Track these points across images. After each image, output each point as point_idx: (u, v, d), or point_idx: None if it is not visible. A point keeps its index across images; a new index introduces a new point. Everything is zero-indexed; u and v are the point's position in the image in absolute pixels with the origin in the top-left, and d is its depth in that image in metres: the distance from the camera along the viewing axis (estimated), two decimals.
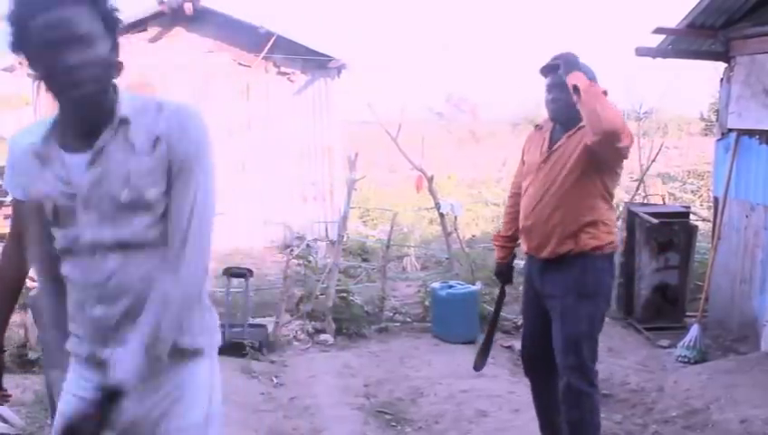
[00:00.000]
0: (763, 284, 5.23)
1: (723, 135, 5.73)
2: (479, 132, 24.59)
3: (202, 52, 9.74)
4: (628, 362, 4.97)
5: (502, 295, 3.60)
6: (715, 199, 5.90)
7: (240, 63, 9.95)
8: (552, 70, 3.01)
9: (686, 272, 5.82)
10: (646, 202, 7.83)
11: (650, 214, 5.77)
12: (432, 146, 10.44)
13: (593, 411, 3.01)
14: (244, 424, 3.85)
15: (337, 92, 10.38)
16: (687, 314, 5.77)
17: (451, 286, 5.67)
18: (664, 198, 9.80)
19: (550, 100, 3.05)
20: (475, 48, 61.75)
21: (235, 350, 4.91)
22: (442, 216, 7.05)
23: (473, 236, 9.89)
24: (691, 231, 5.94)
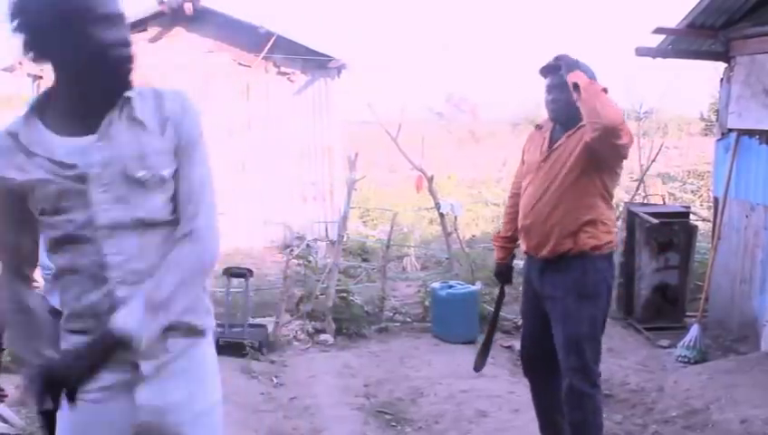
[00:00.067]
0: (763, 284, 5.23)
1: (723, 135, 5.73)
2: (479, 132, 24.56)
3: (202, 52, 9.73)
4: (628, 362, 4.97)
5: (501, 296, 3.60)
6: (715, 199, 5.90)
7: (240, 63, 9.94)
8: (552, 70, 3.02)
9: (686, 272, 5.82)
10: (646, 202, 7.82)
11: (650, 214, 5.77)
12: (432, 146, 10.44)
13: (596, 412, 3.02)
14: (243, 424, 3.85)
15: (337, 92, 10.37)
16: (687, 314, 5.77)
17: (451, 286, 5.67)
18: (664, 198, 9.78)
19: (550, 100, 3.06)
20: (475, 48, 61.80)
21: (234, 350, 4.92)
22: (442, 216, 7.05)
23: (473, 236, 9.88)
24: (691, 231, 5.94)
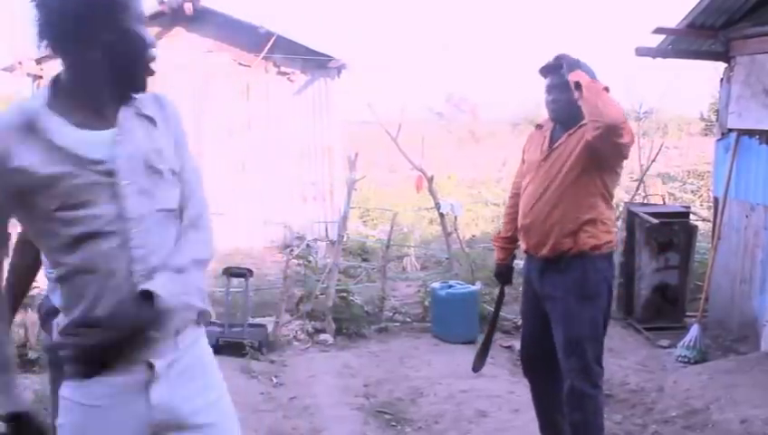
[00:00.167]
0: (763, 284, 5.23)
1: (723, 135, 5.73)
2: (479, 132, 24.56)
3: (202, 52, 9.72)
4: (628, 362, 4.97)
5: (501, 297, 3.60)
6: (715, 199, 5.90)
7: (240, 63, 9.93)
8: (552, 70, 3.02)
9: (685, 272, 5.82)
10: (646, 202, 7.82)
11: (650, 214, 5.77)
12: (432, 146, 10.43)
13: (596, 413, 3.01)
14: (243, 424, 3.80)
15: (337, 92, 10.36)
16: (687, 314, 5.77)
17: (451, 286, 5.67)
18: (664, 198, 9.79)
19: (550, 101, 3.06)
20: (476, 48, 61.75)
21: (234, 350, 4.92)
22: (442, 216, 7.05)
23: (473, 236, 9.88)
24: (691, 231, 5.94)
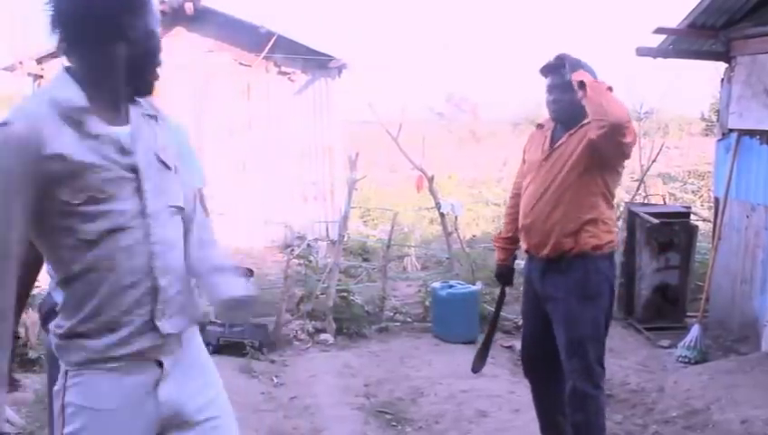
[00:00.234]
0: (764, 284, 5.23)
1: (723, 135, 5.72)
2: (480, 132, 24.57)
3: (203, 51, 9.72)
4: (628, 362, 4.96)
5: (502, 297, 3.59)
6: (716, 200, 5.89)
7: (241, 63, 9.93)
8: (553, 70, 3.01)
9: (686, 272, 5.82)
10: (646, 202, 7.82)
11: (651, 214, 5.77)
12: (433, 146, 10.41)
13: (598, 413, 3.01)
14: (244, 424, 3.82)
15: (337, 92, 10.36)
16: (688, 314, 5.77)
17: (451, 286, 5.67)
18: (664, 199, 9.79)
19: (551, 100, 3.05)
20: (476, 48, 61.82)
21: (235, 349, 4.92)
22: (442, 216, 7.04)
23: (473, 236, 9.88)
24: (692, 231, 5.94)
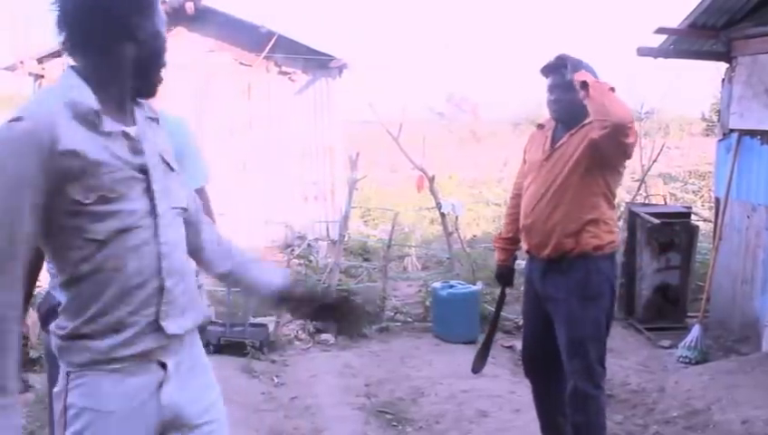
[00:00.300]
0: (765, 284, 5.22)
1: (724, 135, 5.72)
2: (480, 132, 24.56)
3: (203, 51, 9.71)
4: (629, 362, 4.96)
5: (502, 297, 3.59)
6: (717, 200, 5.89)
7: (241, 63, 9.93)
8: (554, 70, 3.00)
9: (687, 272, 5.82)
10: (647, 202, 7.83)
11: (652, 214, 5.77)
12: (433, 146, 10.41)
13: (599, 413, 3.01)
14: (244, 424, 3.84)
15: (338, 92, 10.34)
16: (689, 314, 5.77)
17: (452, 286, 5.67)
18: (665, 199, 9.80)
19: (552, 100, 3.04)
20: (477, 47, 61.88)
21: (236, 349, 4.92)
22: (443, 215, 7.04)
23: (474, 236, 9.89)
24: (692, 231, 5.94)
